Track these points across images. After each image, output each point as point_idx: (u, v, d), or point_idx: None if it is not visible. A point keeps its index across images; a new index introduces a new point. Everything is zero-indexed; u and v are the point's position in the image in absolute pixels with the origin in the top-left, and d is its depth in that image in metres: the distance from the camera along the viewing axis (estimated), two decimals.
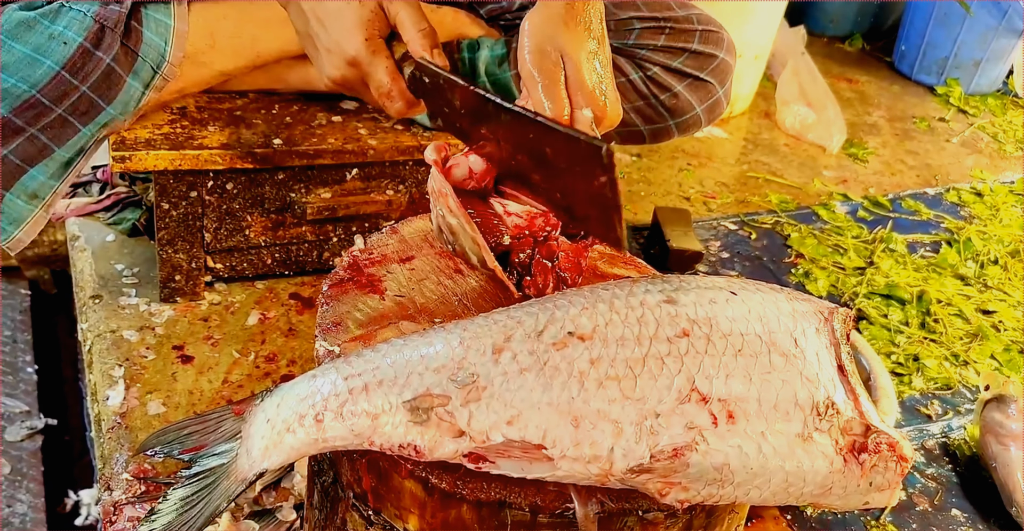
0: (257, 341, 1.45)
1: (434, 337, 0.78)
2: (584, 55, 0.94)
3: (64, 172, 1.29)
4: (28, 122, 1.23)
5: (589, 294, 0.81)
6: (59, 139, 1.26)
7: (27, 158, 1.25)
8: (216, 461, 0.77)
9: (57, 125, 1.25)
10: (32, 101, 1.21)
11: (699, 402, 0.73)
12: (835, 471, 0.76)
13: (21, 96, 1.21)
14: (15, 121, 1.22)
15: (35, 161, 1.26)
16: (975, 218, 2.21)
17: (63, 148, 1.27)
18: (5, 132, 1.22)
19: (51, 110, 1.23)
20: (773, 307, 0.81)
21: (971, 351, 1.71)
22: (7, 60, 1.20)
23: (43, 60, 1.21)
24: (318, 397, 0.75)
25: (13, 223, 1.29)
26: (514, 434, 0.72)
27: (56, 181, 1.29)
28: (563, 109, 0.92)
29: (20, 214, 1.29)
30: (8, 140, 1.23)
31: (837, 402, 0.77)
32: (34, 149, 1.25)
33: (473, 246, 0.88)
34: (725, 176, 2.28)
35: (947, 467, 1.45)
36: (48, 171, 1.28)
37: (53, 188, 1.29)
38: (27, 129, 1.23)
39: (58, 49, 1.22)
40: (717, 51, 1.47)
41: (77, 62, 1.22)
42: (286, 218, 1.49)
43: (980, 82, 2.96)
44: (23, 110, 1.21)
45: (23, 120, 1.22)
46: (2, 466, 1.88)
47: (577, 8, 0.97)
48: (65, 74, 1.22)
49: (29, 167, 1.26)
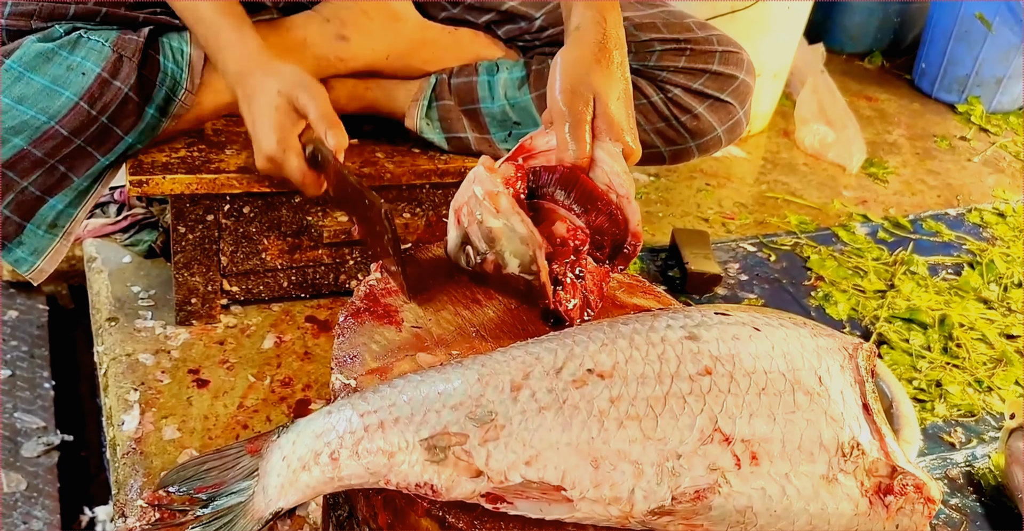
0: (273, 365, 1.44)
1: (451, 373, 0.77)
2: (615, 95, 0.98)
3: (82, 200, 1.30)
4: (47, 154, 1.23)
5: (609, 329, 0.80)
6: (77, 169, 1.26)
7: (47, 189, 1.26)
8: (234, 499, 0.77)
9: (76, 156, 1.25)
10: (51, 132, 1.22)
11: (722, 443, 0.72)
12: (860, 514, 0.74)
13: (40, 128, 1.21)
14: (34, 153, 1.22)
15: (54, 192, 1.27)
16: (998, 239, 2.18)
17: (82, 178, 1.27)
18: (25, 164, 1.23)
19: (70, 141, 1.23)
20: (797, 343, 0.80)
21: (995, 377, 1.68)
22: (26, 92, 1.21)
23: (62, 91, 1.22)
24: (333, 434, 0.74)
25: (35, 253, 1.30)
26: (533, 475, 0.71)
27: (75, 209, 1.30)
28: (585, 150, 0.96)
29: (41, 244, 1.29)
30: (28, 172, 1.23)
31: (862, 442, 0.75)
32: (53, 180, 1.25)
33: (521, 247, 0.88)
34: (744, 196, 2.26)
35: (971, 497, 1.43)
36: (67, 200, 1.28)
37: (72, 216, 1.30)
38: (47, 161, 1.24)
39: (77, 80, 1.23)
40: (737, 72, 1.47)
41: (95, 92, 1.23)
42: (303, 241, 1.48)
43: (1002, 100, 2.93)
44: (42, 142, 1.22)
45: (42, 152, 1.23)
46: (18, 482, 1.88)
47: (609, 48, 1.01)
48: (84, 105, 1.22)
49: (48, 198, 1.27)
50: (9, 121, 1.20)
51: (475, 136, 1.47)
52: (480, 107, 1.45)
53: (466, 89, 1.46)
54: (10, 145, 1.21)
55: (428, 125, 1.47)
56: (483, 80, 1.46)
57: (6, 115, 1.20)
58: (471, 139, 1.47)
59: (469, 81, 1.46)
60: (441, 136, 1.47)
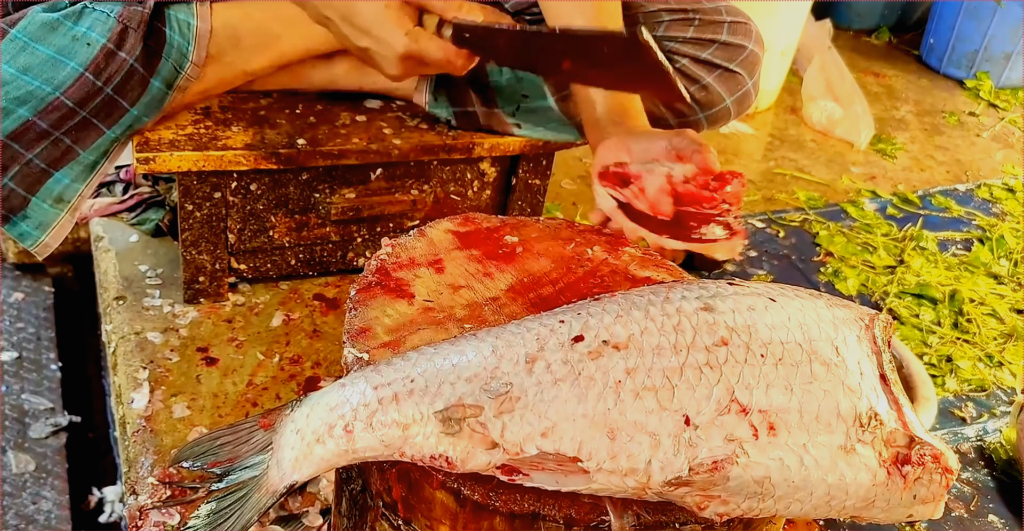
0: (282, 343, 1.44)
1: (466, 345, 0.76)
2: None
3: (89, 175, 1.28)
4: (53, 125, 1.22)
5: (623, 301, 0.79)
6: (83, 142, 1.25)
7: (52, 162, 1.25)
8: (248, 474, 0.76)
9: (81, 128, 1.24)
10: (56, 103, 1.20)
11: (739, 413, 0.71)
12: (878, 484, 0.73)
13: (45, 99, 1.20)
14: (40, 124, 1.21)
15: (60, 165, 1.25)
16: (1007, 215, 2.17)
17: (88, 151, 1.26)
18: (30, 136, 1.21)
19: (75, 113, 1.22)
20: (813, 314, 0.79)
21: (1006, 352, 1.68)
22: (31, 62, 1.19)
23: (67, 62, 1.20)
24: (347, 407, 0.74)
25: (40, 227, 1.28)
26: (549, 446, 0.70)
27: (81, 184, 1.28)
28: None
29: (47, 218, 1.28)
30: (33, 144, 1.22)
31: (880, 413, 0.75)
32: (58, 152, 1.24)
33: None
34: (752, 173, 2.25)
35: (983, 472, 1.43)
36: (73, 174, 1.27)
37: (78, 191, 1.29)
38: (52, 132, 1.22)
39: (82, 50, 1.21)
40: (746, 42, 1.45)
41: (101, 63, 1.21)
42: (310, 219, 1.48)
43: (1011, 75, 2.91)
44: (47, 113, 1.21)
45: (47, 123, 1.21)
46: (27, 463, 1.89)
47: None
48: (89, 76, 1.21)
49: (54, 171, 1.25)
50: (14, 91, 1.19)
51: (483, 110, 1.45)
52: (489, 80, 1.44)
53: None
54: (15, 116, 1.20)
55: (436, 100, 1.46)
56: None
57: (11, 85, 1.18)
58: (479, 113, 1.46)
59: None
60: (449, 110, 1.46)
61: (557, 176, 2.11)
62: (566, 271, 0.96)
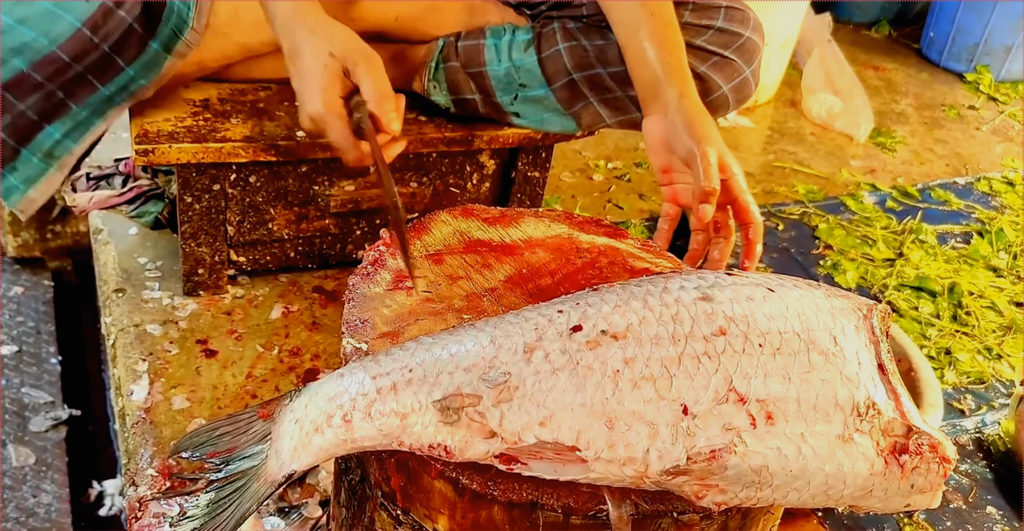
0: (281, 335, 1.44)
1: (464, 335, 0.76)
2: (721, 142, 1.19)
3: (81, 133, 1.27)
4: (47, 78, 1.20)
5: (622, 291, 0.79)
6: (77, 97, 1.24)
7: (43, 114, 1.23)
8: (247, 464, 0.76)
9: (75, 82, 1.22)
10: (51, 57, 1.19)
11: (737, 402, 0.72)
12: (876, 473, 0.74)
13: (41, 51, 1.18)
14: (34, 76, 1.19)
15: (52, 118, 1.24)
16: (1007, 208, 2.17)
17: (81, 107, 1.25)
18: (23, 87, 1.20)
19: (70, 67, 1.21)
20: (811, 304, 0.79)
21: (1004, 344, 1.68)
22: (28, 13, 1.18)
23: (64, 15, 1.19)
24: (346, 397, 0.74)
25: (26, 182, 1.26)
26: (547, 435, 0.70)
27: (72, 142, 1.27)
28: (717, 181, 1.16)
29: (34, 173, 1.26)
30: (25, 95, 1.21)
31: (878, 402, 0.75)
32: (50, 105, 1.23)
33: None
34: (751, 166, 2.25)
35: (981, 463, 1.43)
36: (64, 129, 1.25)
37: (69, 149, 1.27)
38: (45, 85, 1.21)
39: (80, 5, 1.19)
40: (742, 29, 1.44)
41: (99, 20, 1.20)
42: (309, 211, 1.48)
43: (1011, 69, 2.91)
44: (42, 65, 1.19)
45: (41, 76, 1.20)
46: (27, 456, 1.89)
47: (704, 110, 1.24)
48: (85, 31, 1.20)
49: (46, 124, 1.24)
50: (10, 41, 1.17)
51: (481, 98, 1.45)
52: (486, 70, 1.44)
53: (473, 52, 1.45)
54: (9, 66, 1.18)
55: (435, 87, 1.45)
56: (490, 43, 1.45)
57: (7, 35, 1.17)
58: (478, 101, 1.46)
59: (476, 44, 1.45)
60: (448, 98, 1.46)
61: (556, 169, 2.11)
62: (564, 262, 0.96)
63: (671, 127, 1.20)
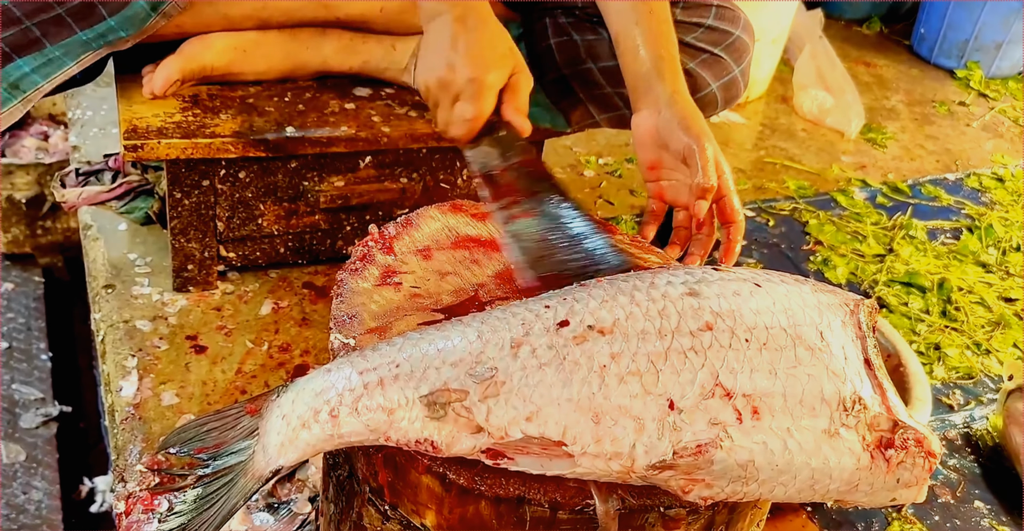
0: (271, 331, 1.44)
1: (451, 330, 0.76)
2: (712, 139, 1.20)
3: (52, 72, 1.25)
4: (25, 14, 1.19)
5: (609, 286, 0.79)
6: (53, 36, 1.22)
7: (16, 47, 1.22)
8: (234, 459, 0.76)
9: (54, 23, 1.21)
10: None
11: (723, 397, 0.72)
12: (862, 468, 0.74)
13: None
14: (13, 10, 1.18)
15: (23, 52, 1.22)
16: (996, 204, 2.18)
17: (55, 46, 1.23)
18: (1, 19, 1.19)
19: (51, 7, 1.20)
20: (798, 299, 0.79)
21: (993, 340, 1.68)
22: None
23: None
24: (333, 392, 0.74)
25: None
26: (533, 430, 0.70)
27: (40, 79, 1.25)
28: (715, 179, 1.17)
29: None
30: (3, 27, 1.20)
31: (864, 397, 0.75)
32: (25, 40, 1.21)
33: None
34: (742, 162, 2.25)
35: (969, 458, 1.43)
36: (34, 64, 1.24)
37: (36, 84, 1.25)
38: (23, 21, 1.20)
39: None
40: (733, 29, 1.44)
41: None
42: (299, 207, 1.47)
43: (1001, 65, 2.91)
44: (24, 2, 1.18)
45: (21, 11, 1.19)
46: (17, 453, 1.89)
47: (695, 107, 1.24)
48: None
49: (16, 56, 1.22)
50: None
51: None
52: None
53: None
54: None
55: None
56: None
57: None
58: None
59: None
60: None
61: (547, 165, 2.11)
62: None
63: (665, 123, 1.19)
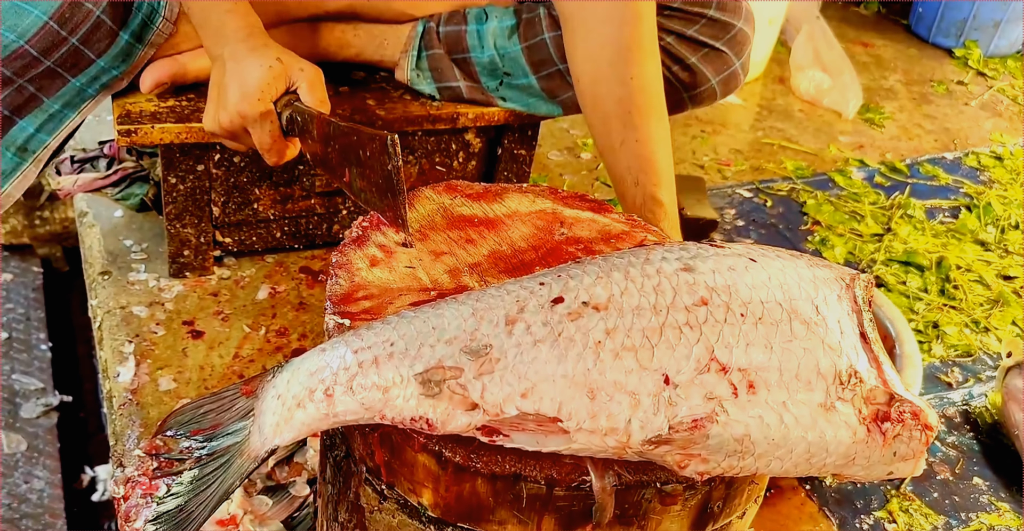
0: (268, 315, 1.44)
1: (445, 308, 0.76)
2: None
3: (56, 127, 1.25)
4: (16, 73, 1.19)
5: (603, 263, 0.79)
6: (47, 90, 1.22)
7: (16, 109, 1.22)
8: (230, 440, 0.76)
9: (46, 77, 1.21)
10: (20, 51, 1.17)
11: (718, 372, 0.72)
12: (858, 441, 0.74)
13: (9, 46, 1.17)
14: (3, 72, 1.18)
15: (23, 112, 1.23)
16: (995, 183, 2.17)
17: (53, 99, 1.23)
18: None
19: (39, 62, 1.19)
20: (793, 274, 0.79)
21: (992, 317, 1.68)
22: None
23: (30, 10, 1.17)
24: (327, 371, 0.74)
25: (2, 176, 1.25)
26: (528, 407, 0.70)
27: (47, 136, 1.25)
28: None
29: (8, 167, 1.25)
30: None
31: (860, 370, 0.75)
32: (22, 99, 1.21)
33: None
34: (739, 143, 2.24)
35: (968, 435, 1.43)
36: (37, 122, 1.24)
37: (44, 143, 1.26)
38: (15, 80, 1.20)
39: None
40: (735, 20, 1.42)
41: (66, 13, 1.18)
42: (294, 191, 1.47)
43: (1000, 44, 2.90)
44: (11, 60, 1.18)
45: (11, 70, 1.18)
46: (18, 443, 1.89)
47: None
48: (53, 25, 1.18)
49: (18, 118, 1.23)
50: None
51: (467, 84, 1.44)
52: (470, 56, 1.42)
53: (455, 38, 1.43)
54: None
55: (419, 76, 1.44)
56: (472, 29, 1.43)
57: None
58: (463, 88, 1.44)
59: (458, 30, 1.43)
60: (433, 86, 1.45)
61: (544, 147, 2.11)
62: (548, 236, 0.96)
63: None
